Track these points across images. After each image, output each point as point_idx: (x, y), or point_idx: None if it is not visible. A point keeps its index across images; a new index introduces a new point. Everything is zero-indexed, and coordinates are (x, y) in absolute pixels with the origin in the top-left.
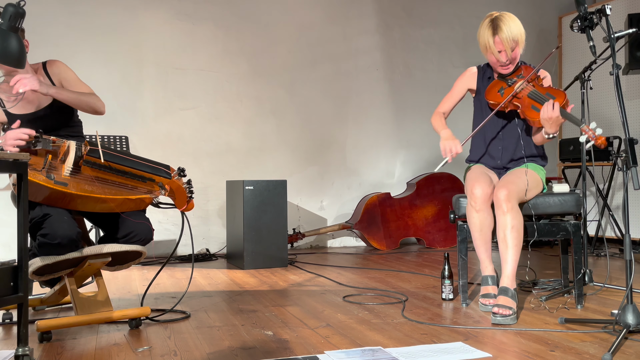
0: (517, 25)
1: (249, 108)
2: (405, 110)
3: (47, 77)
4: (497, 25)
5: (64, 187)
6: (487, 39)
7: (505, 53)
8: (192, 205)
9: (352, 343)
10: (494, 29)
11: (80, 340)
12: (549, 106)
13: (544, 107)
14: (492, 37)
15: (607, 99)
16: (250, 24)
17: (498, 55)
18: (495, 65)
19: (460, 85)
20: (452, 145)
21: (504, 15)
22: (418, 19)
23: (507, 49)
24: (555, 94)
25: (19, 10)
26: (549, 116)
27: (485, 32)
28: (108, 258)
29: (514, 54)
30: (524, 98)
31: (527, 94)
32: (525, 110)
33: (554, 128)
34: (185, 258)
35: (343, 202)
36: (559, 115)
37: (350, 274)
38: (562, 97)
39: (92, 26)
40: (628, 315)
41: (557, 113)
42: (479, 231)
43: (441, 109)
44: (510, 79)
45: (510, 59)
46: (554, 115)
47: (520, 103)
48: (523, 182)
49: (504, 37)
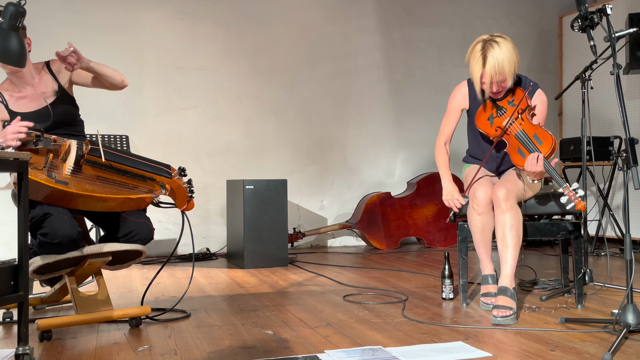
0: (509, 57)
1: (250, 107)
2: (406, 110)
3: (52, 76)
4: (486, 57)
5: (64, 186)
6: (474, 71)
7: (495, 84)
8: (192, 205)
9: (352, 342)
10: (482, 62)
11: (80, 339)
12: (533, 160)
13: (529, 159)
14: (480, 70)
15: (607, 98)
16: (251, 24)
17: (488, 85)
18: (487, 92)
19: (454, 105)
20: (454, 201)
21: (494, 44)
22: (418, 18)
23: (495, 82)
24: (542, 138)
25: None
26: (533, 170)
27: (474, 63)
28: (108, 257)
29: (504, 84)
30: (512, 137)
31: (515, 134)
32: (512, 153)
33: (537, 177)
34: (186, 257)
35: (343, 201)
36: (542, 170)
37: (350, 273)
38: (548, 144)
39: (93, 25)
40: (628, 315)
41: (541, 168)
42: (480, 233)
43: (442, 140)
44: (500, 108)
45: (501, 87)
46: (538, 170)
47: (507, 140)
48: (521, 182)
49: (493, 71)
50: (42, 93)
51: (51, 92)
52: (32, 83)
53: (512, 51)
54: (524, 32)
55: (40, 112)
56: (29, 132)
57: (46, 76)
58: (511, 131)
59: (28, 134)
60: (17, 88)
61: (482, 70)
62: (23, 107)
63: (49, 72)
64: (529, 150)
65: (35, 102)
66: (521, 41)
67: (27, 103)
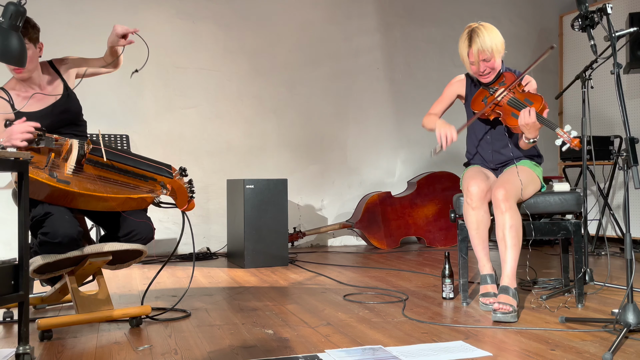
0: (492, 36)
1: (250, 107)
2: (406, 109)
3: (56, 74)
4: (472, 37)
5: (66, 186)
6: (461, 52)
7: (482, 63)
8: (192, 205)
9: (353, 342)
10: (469, 41)
11: (80, 338)
12: (525, 112)
13: (521, 113)
14: (467, 50)
15: (608, 98)
16: (251, 23)
17: (476, 65)
18: (477, 75)
19: (449, 91)
20: (447, 131)
21: (480, 27)
22: (419, 18)
23: (480, 60)
24: (532, 99)
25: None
26: (526, 122)
27: (462, 44)
28: (109, 257)
29: (490, 64)
30: (505, 106)
31: (507, 101)
32: (506, 118)
33: (532, 133)
34: (186, 257)
35: (344, 201)
36: (535, 120)
37: (350, 272)
38: (539, 102)
39: (93, 25)
40: (628, 314)
41: (534, 119)
42: (475, 229)
43: (433, 111)
44: (492, 88)
45: (488, 69)
46: (531, 121)
47: (501, 111)
48: (518, 181)
49: (476, 49)
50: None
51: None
52: (41, 83)
53: (496, 32)
54: (524, 32)
55: (46, 112)
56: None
57: (52, 77)
58: (503, 102)
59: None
60: (23, 87)
61: (469, 49)
62: (29, 107)
63: (54, 71)
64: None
65: (41, 102)
66: (521, 40)
67: (33, 103)
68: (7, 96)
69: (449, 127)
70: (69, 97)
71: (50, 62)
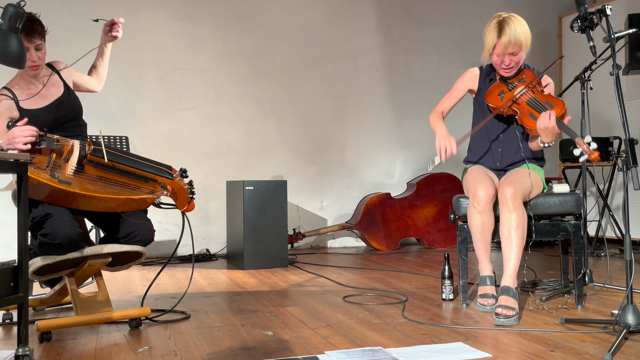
0: (524, 29)
1: (249, 108)
2: (406, 111)
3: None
4: (503, 27)
5: (67, 186)
6: (491, 41)
7: (508, 56)
8: (192, 206)
9: (352, 343)
10: (499, 31)
11: (80, 340)
12: (545, 116)
13: (541, 116)
14: (497, 39)
15: (607, 99)
16: (251, 24)
17: (501, 57)
18: (498, 67)
19: (461, 85)
20: (447, 144)
21: (511, 17)
22: (418, 19)
23: (507, 53)
24: (554, 103)
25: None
26: (545, 126)
27: (491, 33)
28: (108, 258)
29: (516, 59)
30: (523, 104)
31: (526, 101)
32: (523, 118)
33: (549, 137)
34: (186, 258)
35: (343, 202)
36: (555, 125)
37: (350, 274)
38: (560, 107)
39: (92, 27)
40: (628, 315)
41: (554, 124)
42: (480, 232)
43: (440, 108)
44: (511, 83)
45: (513, 63)
46: (550, 126)
47: (518, 109)
48: (527, 182)
49: (508, 40)
50: (51, 90)
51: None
52: (43, 79)
53: (526, 25)
54: None
55: (49, 107)
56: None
57: (54, 77)
58: (522, 100)
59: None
60: (26, 85)
61: (497, 40)
62: (33, 104)
63: (55, 74)
64: (540, 112)
65: (44, 99)
66: None
67: (37, 100)
68: (12, 94)
69: (449, 138)
70: (70, 94)
71: (49, 65)
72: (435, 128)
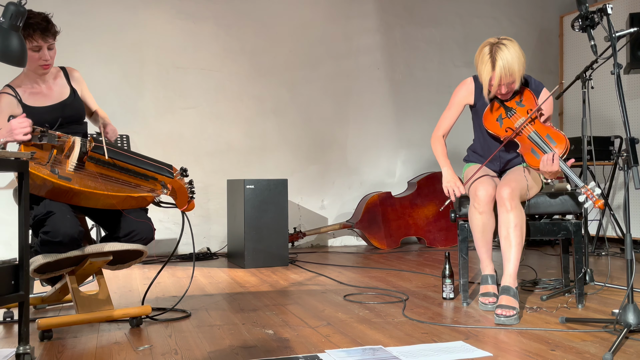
0: (515, 56)
1: (250, 107)
2: (406, 110)
3: (67, 81)
4: (495, 60)
5: (67, 182)
6: (484, 74)
7: (502, 87)
8: (192, 206)
9: (353, 342)
10: (492, 65)
11: (81, 338)
12: (549, 160)
13: (544, 159)
14: (490, 73)
15: (608, 98)
16: (252, 23)
17: (495, 88)
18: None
19: (458, 100)
20: (454, 188)
21: (501, 46)
22: (419, 18)
23: (503, 84)
24: (555, 138)
25: (20, 9)
26: (549, 170)
27: (483, 66)
28: (109, 257)
29: (513, 86)
30: (524, 138)
31: (528, 135)
32: (525, 154)
33: (552, 177)
34: (186, 257)
35: (344, 201)
36: (559, 169)
37: (351, 273)
38: (562, 143)
39: (93, 25)
40: (629, 314)
41: (557, 168)
42: (481, 232)
43: (440, 131)
44: (509, 109)
45: (511, 90)
46: (554, 170)
47: (519, 142)
48: (524, 181)
49: (501, 74)
50: (55, 91)
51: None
52: (48, 80)
53: (519, 53)
54: (524, 32)
55: (53, 108)
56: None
57: (61, 79)
58: (523, 133)
59: (33, 129)
60: (30, 84)
61: (492, 72)
62: (36, 102)
63: (64, 77)
64: (543, 151)
65: (48, 98)
66: (522, 41)
67: (40, 98)
68: (14, 92)
69: (456, 181)
70: (75, 98)
71: (63, 68)
72: (439, 162)
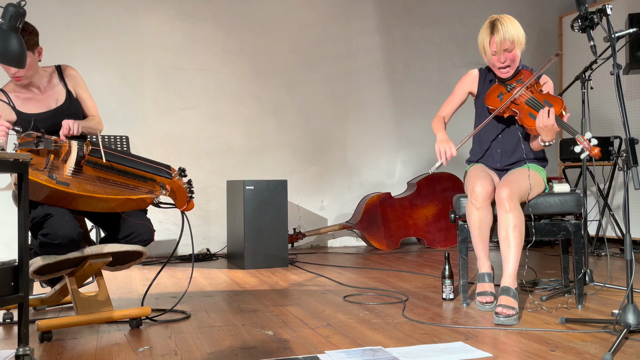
0: (515, 27)
1: (250, 108)
2: (406, 110)
3: (61, 81)
4: (495, 25)
5: (65, 187)
6: (483, 40)
7: (503, 53)
8: (192, 205)
9: (353, 343)
10: (490, 30)
11: (80, 340)
12: (544, 114)
13: (540, 114)
14: (489, 38)
15: (607, 98)
16: (251, 24)
17: (493, 56)
18: (494, 68)
19: (462, 88)
20: (446, 148)
21: (503, 17)
22: (418, 18)
23: (502, 50)
24: (552, 101)
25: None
26: (545, 124)
27: (482, 33)
28: (109, 258)
29: (511, 56)
30: (522, 104)
31: (525, 101)
32: (523, 117)
33: (549, 136)
34: (186, 258)
35: (343, 202)
36: (554, 123)
37: (350, 273)
38: (559, 104)
39: (93, 26)
40: (628, 315)
41: (553, 121)
42: (478, 229)
43: (442, 113)
44: (509, 84)
45: (508, 60)
46: (549, 123)
47: (518, 109)
48: (525, 182)
49: (499, 38)
50: (50, 96)
51: (59, 96)
52: (40, 86)
53: (519, 26)
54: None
55: (48, 115)
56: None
57: (55, 80)
58: (521, 100)
59: (28, 135)
60: (23, 89)
61: (491, 37)
62: (30, 108)
63: (59, 77)
64: (539, 111)
65: (42, 104)
66: None
67: (34, 104)
68: (7, 98)
69: (448, 143)
70: (71, 103)
71: (58, 67)
72: (435, 132)
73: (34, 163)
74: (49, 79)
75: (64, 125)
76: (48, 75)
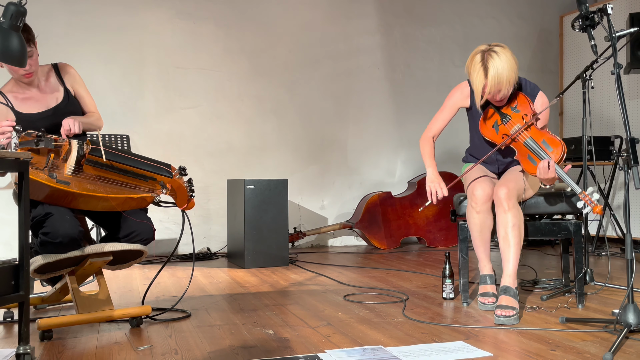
0: (506, 65)
1: (250, 107)
2: (406, 110)
3: (59, 80)
4: (487, 68)
5: (66, 186)
6: (476, 83)
7: (496, 95)
8: (192, 204)
9: (353, 342)
10: (485, 72)
11: (81, 338)
12: (544, 167)
13: (540, 166)
14: (483, 81)
15: (608, 98)
16: (252, 23)
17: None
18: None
19: (453, 103)
20: (437, 188)
21: (492, 53)
22: (419, 18)
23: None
24: (552, 144)
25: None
26: (545, 177)
27: (476, 76)
28: (109, 257)
29: (505, 94)
30: (520, 145)
31: (524, 142)
32: (521, 160)
33: (550, 183)
34: (186, 257)
35: (344, 201)
36: (555, 176)
37: (351, 273)
38: (558, 149)
39: (93, 25)
40: (629, 314)
41: (553, 174)
42: (478, 232)
43: (430, 132)
44: (504, 115)
45: (505, 97)
46: (550, 177)
47: (516, 148)
48: (521, 181)
49: (494, 83)
50: (48, 95)
51: (58, 94)
52: (38, 85)
53: (511, 60)
54: (524, 32)
55: (47, 114)
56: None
57: (53, 79)
58: (519, 139)
59: (28, 134)
60: (21, 89)
61: (485, 81)
62: (29, 108)
63: (56, 75)
64: (539, 158)
65: (41, 104)
66: (522, 41)
67: (33, 104)
68: (5, 99)
69: (439, 182)
70: (69, 101)
71: (55, 66)
72: (425, 162)
73: (34, 162)
74: (46, 77)
75: (64, 125)
76: (45, 74)
